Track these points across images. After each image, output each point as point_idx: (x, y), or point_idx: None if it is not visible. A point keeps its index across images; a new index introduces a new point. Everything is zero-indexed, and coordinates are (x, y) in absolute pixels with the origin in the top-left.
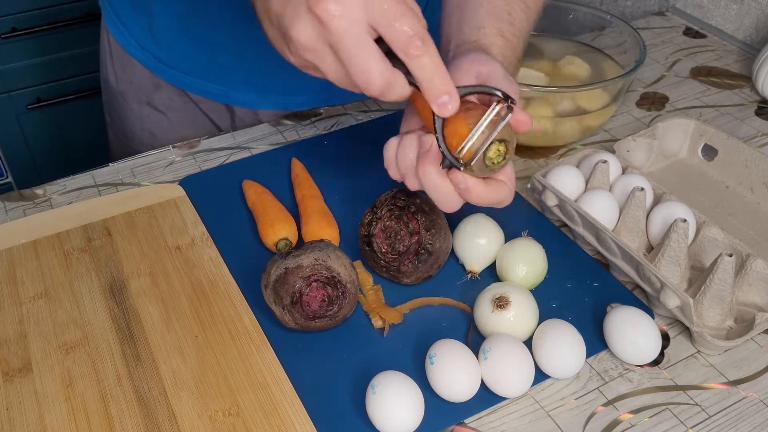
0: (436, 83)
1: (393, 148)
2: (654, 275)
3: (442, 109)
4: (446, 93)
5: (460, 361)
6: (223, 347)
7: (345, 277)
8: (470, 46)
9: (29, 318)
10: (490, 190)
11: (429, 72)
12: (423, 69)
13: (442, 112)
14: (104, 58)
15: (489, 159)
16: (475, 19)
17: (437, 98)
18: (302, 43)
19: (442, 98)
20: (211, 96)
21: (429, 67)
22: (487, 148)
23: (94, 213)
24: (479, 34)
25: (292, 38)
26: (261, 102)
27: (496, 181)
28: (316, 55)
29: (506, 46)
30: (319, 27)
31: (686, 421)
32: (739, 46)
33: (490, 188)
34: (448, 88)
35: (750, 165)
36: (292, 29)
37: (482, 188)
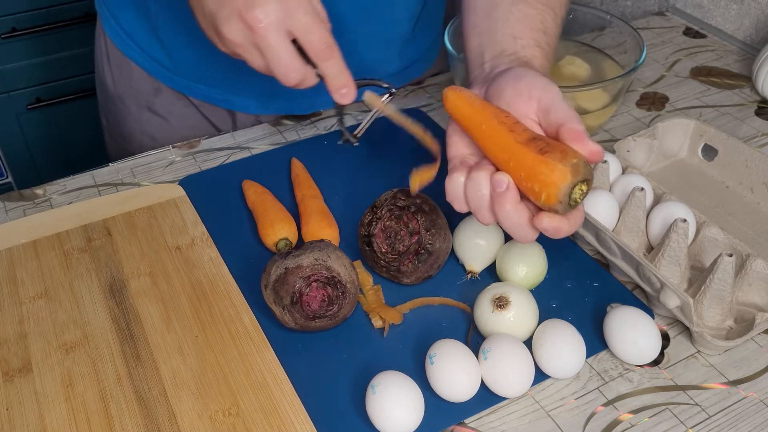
0: (339, 79)
1: (459, 184)
2: (654, 275)
3: (342, 98)
4: (345, 86)
5: (460, 361)
6: (223, 347)
7: (345, 277)
8: (511, 59)
9: (29, 318)
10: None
11: (334, 72)
12: (329, 69)
13: (343, 101)
14: (100, 61)
15: (573, 199)
16: (508, 28)
17: (338, 90)
18: (232, 40)
19: (342, 90)
20: (213, 101)
21: (334, 69)
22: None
23: (94, 213)
24: (516, 45)
25: (224, 36)
26: (263, 107)
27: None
28: (244, 50)
29: (543, 57)
30: (248, 30)
31: (686, 421)
32: (739, 46)
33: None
34: (348, 82)
35: (750, 165)
36: (224, 28)
37: (567, 225)
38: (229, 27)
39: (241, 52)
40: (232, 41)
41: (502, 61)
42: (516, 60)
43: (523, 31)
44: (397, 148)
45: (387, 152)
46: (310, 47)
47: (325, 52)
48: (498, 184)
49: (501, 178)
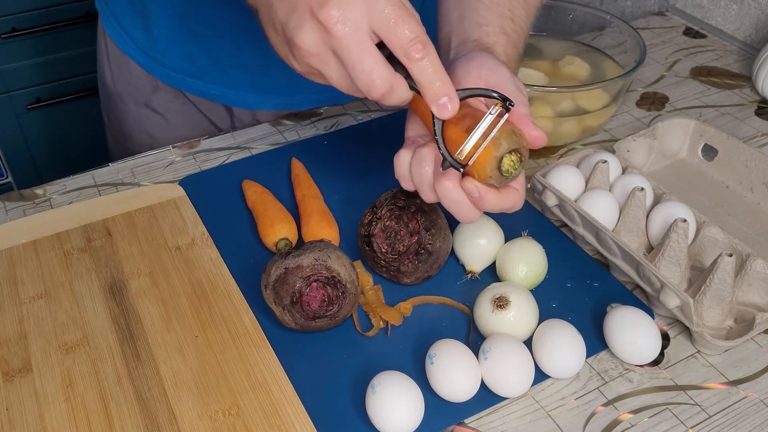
0: (437, 85)
1: (406, 161)
2: (654, 275)
3: (442, 110)
4: (446, 95)
5: (460, 361)
6: (223, 347)
7: (345, 277)
8: (473, 45)
9: (29, 318)
10: (502, 198)
11: (429, 74)
12: (423, 71)
13: (442, 114)
14: (101, 60)
15: (505, 170)
16: (476, 16)
17: (437, 100)
18: (306, 49)
19: (441, 100)
20: (210, 97)
21: (429, 70)
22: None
23: (94, 213)
24: (481, 32)
25: (297, 45)
26: (261, 102)
27: (507, 188)
28: (320, 60)
29: (508, 44)
30: (323, 33)
31: (686, 421)
32: (739, 46)
33: (502, 195)
34: (448, 90)
35: (750, 165)
36: (296, 36)
37: (494, 196)
38: (302, 33)
39: (316, 64)
40: (306, 51)
41: (465, 47)
42: (478, 46)
43: (489, 18)
44: (397, 148)
45: (387, 152)
46: (398, 44)
47: (416, 49)
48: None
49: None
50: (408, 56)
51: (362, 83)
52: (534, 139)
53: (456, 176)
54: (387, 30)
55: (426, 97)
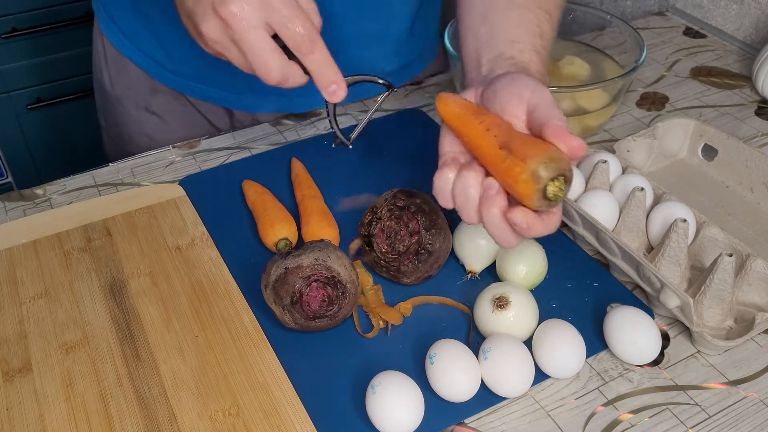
0: (326, 74)
1: (449, 180)
2: (654, 275)
3: (332, 96)
4: (335, 83)
5: (460, 361)
6: (223, 347)
7: (345, 277)
8: (507, 64)
9: (29, 318)
10: (545, 224)
11: (319, 65)
12: (313, 63)
13: (333, 99)
14: (98, 62)
15: (552, 194)
16: (505, 32)
17: (327, 87)
18: (210, 37)
19: (331, 87)
20: (212, 99)
21: (318, 62)
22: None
23: (94, 213)
24: (513, 49)
25: (202, 33)
26: (261, 105)
27: (549, 213)
28: (224, 47)
29: (540, 62)
30: (224, 26)
31: (686, 421)
32: (739, 46)
33: (545, 222)
34: (337, 78)
35: (750, 165)
36: (201, 26)
37: (540, 224)
38: (206, 24)
39: (220, 49)
40: (211, 39)
41: (500, 65)
42: (514, 65)
43: (519, 35)
44: (397, 148)
45: (387, 152)
46: (290, 40)
47: (306, 44)
48: (489, 187)
49: (492, 182)
50: (300, 51)
51: (260, 71)
52: (573, 150)
53: (503, 205)
54: (280, 27)
55: (317, 84)
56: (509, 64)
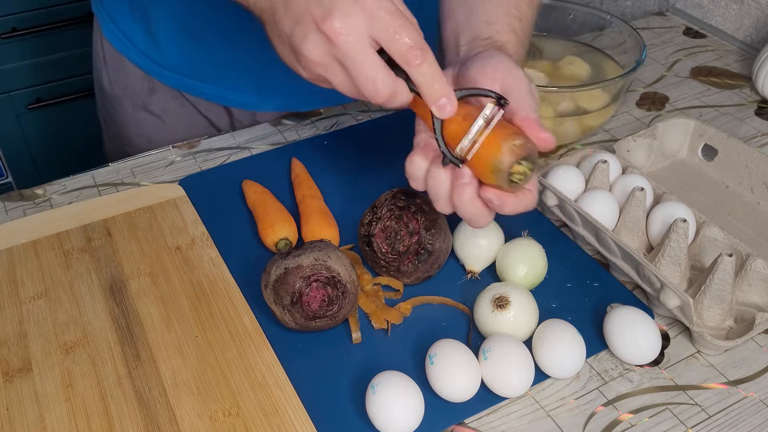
0: (436, 88)
1: (420, 166)
2: (654, 275)
3: (441, 111)
4: (444, 96)
5: (460, 361)
6: (223, 347)
7: (345, 277)
8: (485, 43)
9: (29, 318)
10: (519, 201)
11: (428, 78)
12: (423, 75)
13: (442, 114)
14: (98, 63)
15: (516, 176)
16: (484, 14)
17: (437, 101)
18: (312, 59)
19: (441, 101)
20: (210, 98)
21: (428, 74)
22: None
23: (94, 213)
24: (491, 30)
25: (303, 55)
26: (261, 104)
27: (522, 191)
28: (326, 69)
29: (518, 43)
30: (327, 44)
31: (686, 421)
32: (739, 46)
33: (518, 199)
34: (447, 91)
35: (750, 165)
36: (302, 47)
37: (513, 199)
38: (308, 44)
39: (322, 72)
40: (312, 61)
41: (477, 45)
42: (491, 44)
43: (497, 17)
44: (397, 148)
45: (387, 152)
46: (398, 52)
47: (414, 55)
48: (460, 176)
49: (463, 170)
50: (408, 62)
51: (367, 89)
52: (541, 141)
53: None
54: (387, 39)
55: (426, 98)
56: (485, 44)
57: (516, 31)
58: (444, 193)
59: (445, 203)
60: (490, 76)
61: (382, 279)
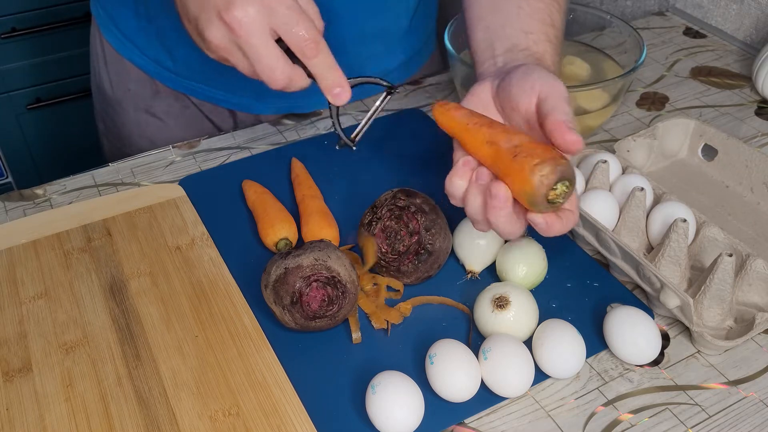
0: (329, 78)
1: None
2: (654, 275)
3: (336, 98)
4: (338, 85)
5: (460, 361)
6: (223, 347)
7: (345, 277)
8: (524, 55)
9: (29, 318)
10: (563, 223)
11: (323, 69)
12: (317, 66)
13: (337, 101)
14: (97, 65)
15: (554, 197)
16: (519, 23)
17: (332, 90)
18: (216, 43)
19: (335, 90)
20: (215, 101)
21: (322, 65)
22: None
23: (94, 213)
24: (528, 40)
25: (207, 39)
26: (264, 107)
27: (566, 212)
28: (228, 53)
29: (554, 52)
30: (229, 31)
31: (686, 421)
32: (739, 46)
33: (562, 220)
34: (340, 81)
35: (750, 165)
36: (206, 32)
37: (559, 223)
38: (211, 30)
39: (225, 55)
40: (215, 44)
41: (516, 57)
42: (530, 56)
43: (533, 26)
44: (397, 148)
45: (387, 152)
46: (294, 44)
47: (310, 47)
48: (495, 197)
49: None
50: (303, 54)
51: (264, 76)
52: (569, 144)
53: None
54: (284, 31)
55: (321, 87)
56: (525, 56)
57: (551, 39)
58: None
59: (483, 224)
60: (530, 90)
61: (382, 279)
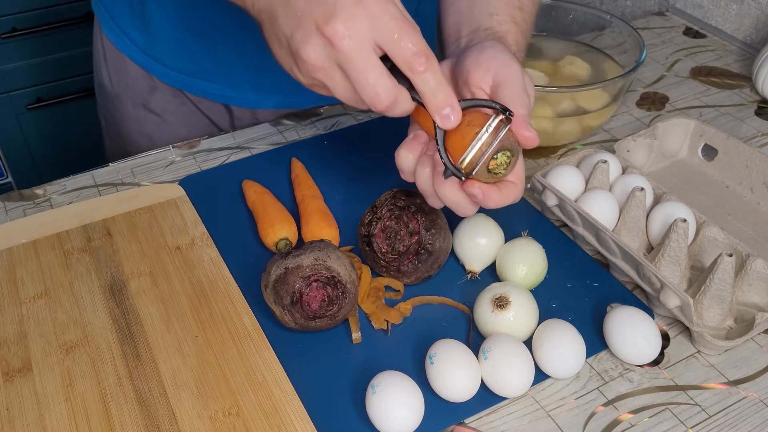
0: (439, 97)
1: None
2: (654, 275)
3: (445, 121)
4: (449, 106)
5: (460, 361)
6: (223, 347)
7: (345, 277)
8: (485, 34)
9: (29, 318)
10: (503, 194)
11: (432, 86)
12: (427, 83)
13: (445, 125)
14: (98, 62)
15: (495, 169)
16: (486, 5)
17: (440, 111)
18: (312, 63)
19: (444, 111)
20: (211, 96)
21: (432, 82)
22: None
23: (94, 213)
24: (492, 20)
25: (303, 58)
26: (261, 101)
27: (506, 184)
28: (326, 74)
29: (519, 33)
30: (329, 47)
31: (686, 421)
32: (739, 46)
33: (502, 192)
34: (451, 101)
35: (750, 165)
36: (302, 50)
37: (497, 194)
38: (308, 48)
39: (321, 77)
40: (312, 65)
41: (478, 36)
42: (491, 35)
43: (499, 8)
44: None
45: (387, 152)
46: (401, 57)
47: (418, 61)
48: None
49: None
50: (411, 69)
51: (367, 96)
52: (525, 140)
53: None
54: (391, 44)
55: (429, 108)
56: (486, 35)
57: (517, 21)
58: (430, 188)
59: (433, 197)
60: (485, 67)
61: (382, 279)
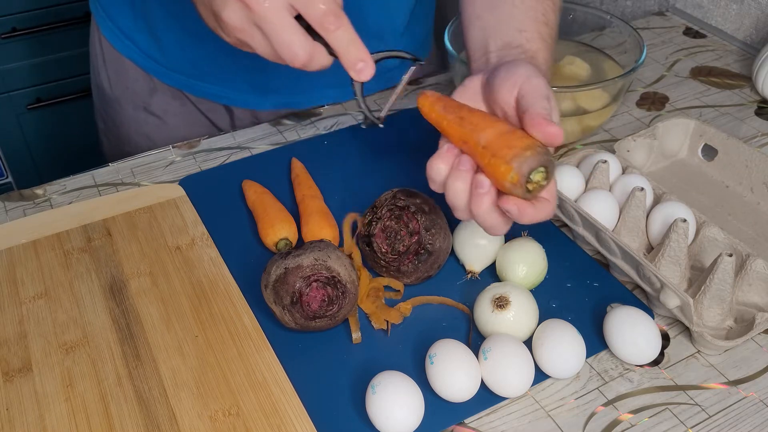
0: (352, 52)
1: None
2: (654, 275)
3: (359, 74)
4: (361, 60)
5: (460, 361)
6: (223, 347)
7: (345, 277)
8: (516, 52)
9: (29, 318)
10: (537, 210)
11: (344, 42)
12: (339, 40)
13: (360, 77)
14: (96, 64)
15: (532, 187)
16: (513, 21)
17: (354, 66)
18: (232, 24)
19: (358, 65)
20: (211, 97)
21: (344, 39)
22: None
23: (94, 213)
24: (522, 37)
25: (223, 20)
26: (261, 102)
27: (542, 201)
28: (246, 34)
29: (547, 51)
30: (246, 10)
31: (686, 421)
32: (739, 46)
33: (537, 209)
34: (363, 55)
35: (750, 165)
36: (222, 13)
37: (531, 210)
38: (227, 11)
39: (242, 37)
40: (232, 26)
41: (509, 54)
42: (522, 53)
43: (527, 24)
44: (397, 148)
45: (387, 152)
46: (313, 17)
47: (330, 20)
48: (479, 185)
49: (481, 181)
50: (323, 28)
51: (285, 54)
52: (549, 137)
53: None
54: (303, 5)
55: (343, 62)
56: (518, 53)
57: (544, 37)
58: (463, 202)
59: (464, 211)
60: (511, 84)
61: (382, 279)
